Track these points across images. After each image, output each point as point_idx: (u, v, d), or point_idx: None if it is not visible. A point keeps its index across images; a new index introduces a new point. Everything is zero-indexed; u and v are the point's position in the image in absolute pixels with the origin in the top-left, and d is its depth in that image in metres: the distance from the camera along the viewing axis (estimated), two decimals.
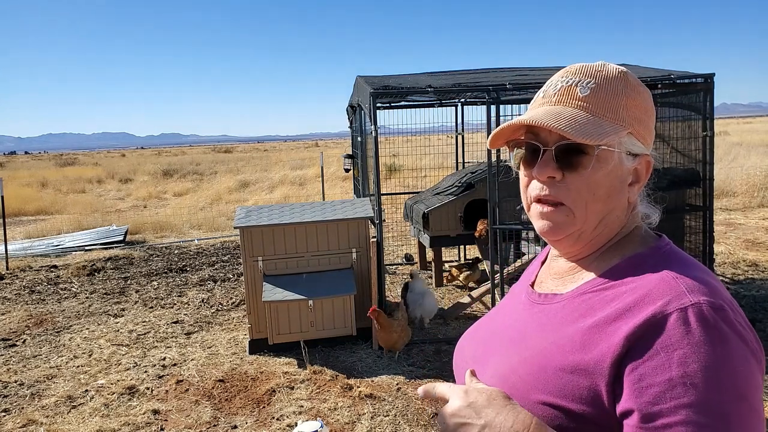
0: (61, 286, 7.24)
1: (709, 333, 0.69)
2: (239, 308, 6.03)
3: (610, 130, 0.80)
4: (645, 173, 0.85)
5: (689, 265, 0.79)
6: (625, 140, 0.82)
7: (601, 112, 0.81)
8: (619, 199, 0.84)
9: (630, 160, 0.83)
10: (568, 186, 0.81)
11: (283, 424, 3.61)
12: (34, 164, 42.13)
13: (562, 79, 0.85)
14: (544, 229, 0.84)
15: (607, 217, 0.83)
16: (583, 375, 0.74)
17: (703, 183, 4.87)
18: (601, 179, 0.81)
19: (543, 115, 0.80)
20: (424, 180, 8.43)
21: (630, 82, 0.84)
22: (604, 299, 0.79)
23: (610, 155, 0.81)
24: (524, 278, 1.02)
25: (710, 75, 4.77)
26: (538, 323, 0.85)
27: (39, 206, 15.16)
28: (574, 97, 0.82)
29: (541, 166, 0.82)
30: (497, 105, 4.70)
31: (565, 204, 0.82)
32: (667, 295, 0.73)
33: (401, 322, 4.45)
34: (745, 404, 0.67)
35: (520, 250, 5.35)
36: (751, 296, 5.59)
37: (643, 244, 0.85)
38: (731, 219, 9.72)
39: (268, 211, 4.97)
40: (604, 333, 0.75)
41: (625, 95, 0.82)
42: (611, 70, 0.84)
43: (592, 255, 0.86)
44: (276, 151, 48.73)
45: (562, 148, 0.81)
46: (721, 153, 15.77)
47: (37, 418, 3.81)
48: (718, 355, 0.68)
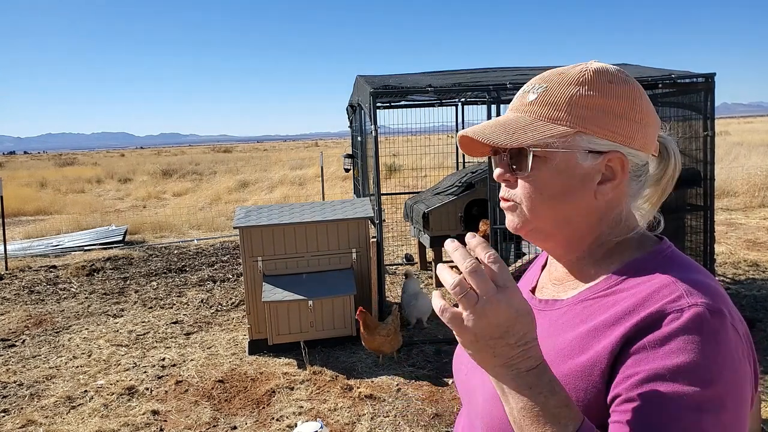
0: (61, 286, 7.23)
1: (703, 335, 0.68)
2: (239, 308, 6.02)
3: (544, 130, 0.79)
4: (621, 170, 0.82)
5: (691, 269, 0.78)
6: (579, 138, 0.80)
7: (545, 114, 0.81)
8: (582, 198, 0.82)
9: (592, 158, 0.81)
10: (517, 187, 0.85)
11: (283, 424, 3.60)
12: (34, 164, 42.13)
13: (523, 88, 0.87)
14: (508, 225, 0.89)
15: (571, 216, 0.83)
16: (581, 377, 0.75)
17: (703, 183, 4.86)
18: (548, 179, 0.81)
19: (480, 126, 0.86)
20: (424, 180, 8.43)
21: (595, 80, 0.81)
22: (605, 305, 0.78)
23: (552, 155, 0.80)
24: (524, 283, 1.02)
25: (711, 75, 4.76)
26: (540, 330, 0.84)
27: (38, 206, 15.15)
28: (523, 104, 0.85)
29: (498, 169, 0.87)
30: (497, 104, 4.69)
31: (516, 201, 0.85)
32: (666, 297, 0.73)
33: (390, 327, 4.33)
34: (725, 414, 0.66)
35: (520, 250, 5.34)
36: (751, 296, 5.58)
37: (643, 248, 0.84)
38: (732, 219, 9.71)
39: (267, 211, 4.96)
40: (603, 335, 0.75)
41: (579, 94, 0.80)
42: (574, 72, 0.82)
43: (586, 259, 0.86)
44: (276, 151, 48.73)
45: (512, 152, 0.84)
46: (721, 153, 15.76)
47: (36, 418, 3.80)
48: (707, 357, 0.67)
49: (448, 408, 3.73)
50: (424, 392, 3.95)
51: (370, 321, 4.32)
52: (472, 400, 0.89)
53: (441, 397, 3.87)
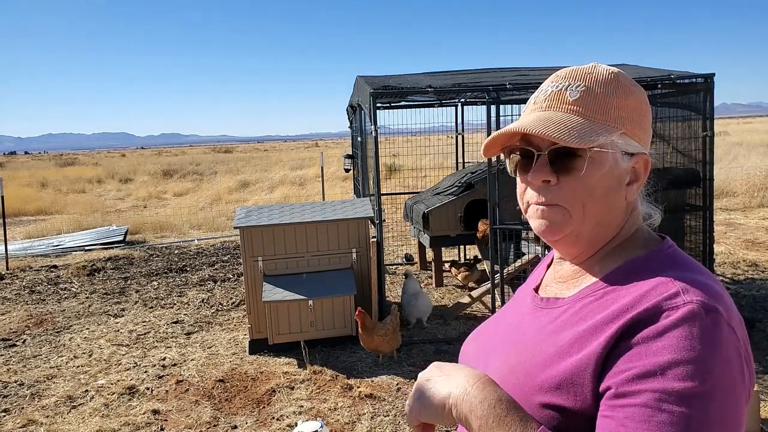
0: (61, 286, 7.24)
1: (697, 332, 0.69)
2: (239, 308, 6.03)
3: (601, 131, 0.80)
4: (643, 172, 0.85)
5: (691, 268, 0.79)
6: (619, 140, 0.82)
7: (592, 115, 0.81)
8: (617, 199, 0.84)
9: (626, 159, 0.83)
10: (563, 189, 0.82)
11: (283, 424, 3.61)
12: (34, 164, 42.15)
13: (552, 85, 0.85)
14: (541, 228, 0.84)
15: (604, 217, 0.84)
16: (579, 373, 0.75)
17: (703, 183, 4.87)
18: (597, 181, 0.81)
19: (533, 122, 0.81)
20: (424, 180, 8.43)
21: (621, 82, 0.84)
22: (605, 303, 0.79)
23: (604, 157, 0.81)
24: (530, 282, 1.02)
25: (710, 75, 4.77)
26: (540, 327, 0.85)
27: (39, 206, 15.17)
28: (564, 102, 0.83)
29: (536, 170, 0.82)
30: (497, 105, 4.70)
31: (561, 205, 0.82)
32: (662, 294, 0.73)
33: (388, 327, 4.33)
34: (715, 411, 0.67)
35: (520, 250, 5.35)
36: (751, 296, 5.59)
37: (646, 246, 0.85)
38: (731, 219, 9.72)
39: (268, 211, 4.97)
40: (600, 332, 0.75)
41: (616, 96, 0.82)
42: (601, 71, 0.84)
43: (594, 257, 0.86)
44: (276, 151, 48.73)
45: (555, 151, 0.81)
46: (721, 153, 15.77)
47: (37, 418, 3.81)
48: (699, 354, 0.68)
49: None
50: None
51: (368, 321, 4.33)
52: None
53: None
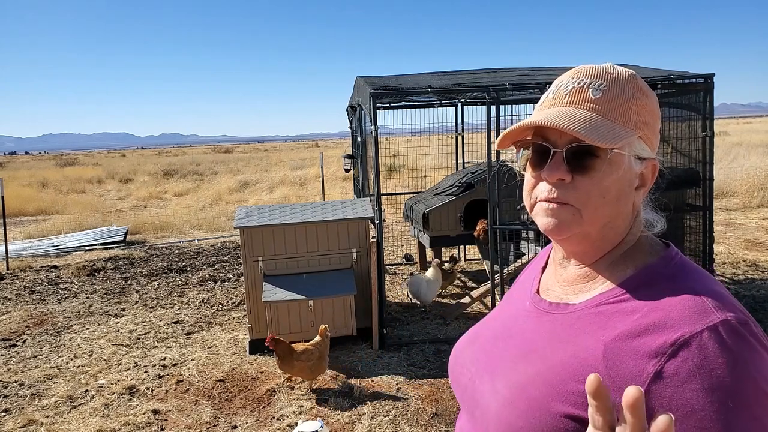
0: (62, 286, 7.24)
1: (742, 347, 0.69)
2: (239, 308, 6.04)
3: (622, 133, 0.79)
4: (651, 177, 0.85)
5: (704, 278, 0.79)
6: (635, 144, 0.82)
7: (613, 115, 0.80)
8: (626, 203, 0.83)
9: (638, 164, 0.83)
10: (577, 188, 0.80)
11: (284, 424, 3.61)
12: (35, 164, 42.14)
13: (573, 80, 0.83)
14: (549, 226, 0.82)
15: (613, 220, 0.83)
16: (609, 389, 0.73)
17: (702, 183, 4.87)
18: (612, 183, 0.80)
19: (556, 117, 0.78)
20: (424, 180, 8.44)
21: (639, 85, 0.83)
22: (623, 311, 0.77)
23: (621, 159, 0.80)
24: (523, 284, 0.99)
25: (710, 75, 4.77)
26: (552, 333, 0.83)
27: (39, 206, 15.16)
28: (586, 99, 0.81)
29: (551, 168, 0.80)
30: (497, 105, 4.70)
31: (572, 205, 0.80)
32: (695, 313, 0.72)
33: (312, 352, 3.92)
34: None
35: (520, 250, 5.35)
36: (750, 296, 5.60)
37: (653, 253, 0.84)
38: (731, 219, 9.72)
39: (268, 212, 4.97)
40: (629, 348, 0.73)
41: (634, 99, 0.82)
42: (621, 72, 0.84)
43: (601, 261, 0.85)
44: (276, 152, 48.74)
45: (572, 150, 0.79)
46: (720, 153, 15.76)
47: (37, 418, 3.81)
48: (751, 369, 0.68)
49: (448, 407, 3.74)
50: (424, 392, 3.96)
51: (282, 350, 3.89)
52: (480, 406, 0.87)
53: (441, 397, 3.89)
